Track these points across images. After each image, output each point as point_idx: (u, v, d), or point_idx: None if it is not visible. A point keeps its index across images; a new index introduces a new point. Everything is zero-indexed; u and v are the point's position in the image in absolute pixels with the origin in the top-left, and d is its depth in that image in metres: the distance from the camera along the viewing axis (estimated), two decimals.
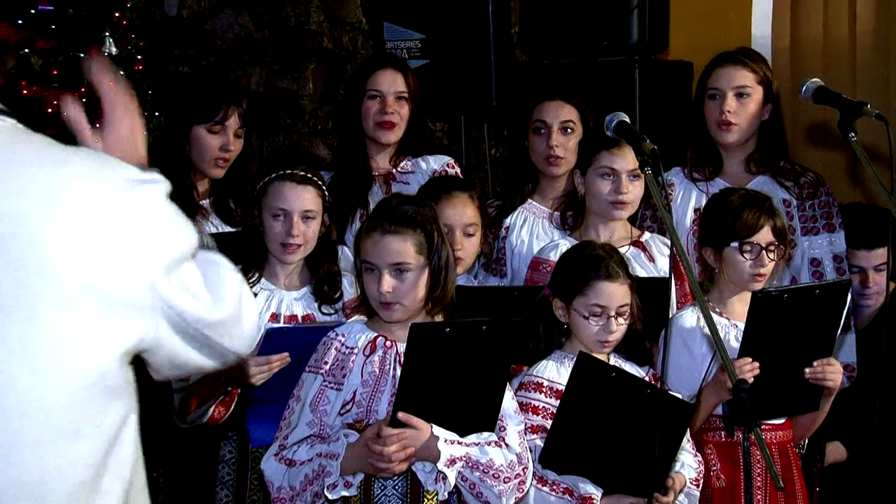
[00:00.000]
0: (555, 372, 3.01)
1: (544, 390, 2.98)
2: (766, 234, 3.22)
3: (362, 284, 2.86)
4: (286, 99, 5.68)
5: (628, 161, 3.40)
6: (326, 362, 2.83)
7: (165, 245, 1.66)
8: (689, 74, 4.73)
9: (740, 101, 3.70)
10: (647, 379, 3.03)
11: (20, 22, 4.07)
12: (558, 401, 2.91)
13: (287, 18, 5.66)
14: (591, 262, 3.01)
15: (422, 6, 4.92)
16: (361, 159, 3.92)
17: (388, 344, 2.83)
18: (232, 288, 1.77)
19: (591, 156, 3.50)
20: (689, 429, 2.97)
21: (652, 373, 3.09)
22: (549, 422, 2.91)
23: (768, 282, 3.28)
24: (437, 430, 2.71)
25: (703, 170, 3.78)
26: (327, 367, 2.82)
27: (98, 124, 1.80)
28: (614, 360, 3.05)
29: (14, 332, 1.56)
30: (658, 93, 4.74)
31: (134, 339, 1.64)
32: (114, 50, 4.19)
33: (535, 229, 3.82)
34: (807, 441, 3.51)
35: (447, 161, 4.01)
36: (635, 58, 4.71)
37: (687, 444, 3.03)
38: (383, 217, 2.83)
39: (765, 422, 3.15)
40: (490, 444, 2.76)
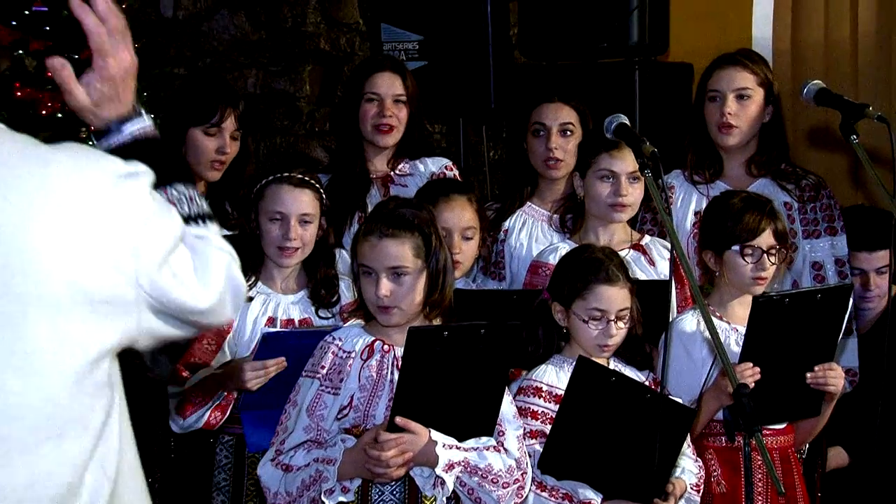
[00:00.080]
0: (554, 376, 3.00)
1: (543, 395, 2.97)
2: (767, 238, 3.20)
3: (360, 288, 2.85)
4: (283, 101, 5.67)
5: (628, 163, 3.38)
6: (323, 366, 2.81)
7: (153, 241, 1.64)
8: (689, 76, 4.72)
9: (741, 103, 3.69)
10: (646, 383, 3.02)
11: (14, 23, 4.05)
12: (557, 405, 2.90)
13: (284, 19, 5.65)
14: (591, 266, 3.00)
15: (420, 7, 4.89)
16: (359, 162, 3.90)
17: (386, 348, 2.81)
18: (218, 270, 1.76)
19: (590, 158, 3.49)
20: (689, 434, 2.96)
21: (652, 377, 3.08)
22: (548, 427, 2.90)
23: (769, 285, 3.27)
24: (436, 434, 2.70)
25: (703, 172, 3.77)
26: (324, 372, 2.80)
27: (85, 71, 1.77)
28: (614, 365, 3.04)
29: (1, 335, 1.54)
30: (658, 95, 4.72)
31: (120, 336, 1.63)
32: None
33: (534, 232, 3.80)
34: (808, 446, 3.49)
35: (445, 163, 3.99)
36: (635, 59, 4.70)
37: (687, 449, 3.02)
38: (381, 220, 2.81)
39: (766, 427, 3.14)
40: (489, 448, 2.75)
